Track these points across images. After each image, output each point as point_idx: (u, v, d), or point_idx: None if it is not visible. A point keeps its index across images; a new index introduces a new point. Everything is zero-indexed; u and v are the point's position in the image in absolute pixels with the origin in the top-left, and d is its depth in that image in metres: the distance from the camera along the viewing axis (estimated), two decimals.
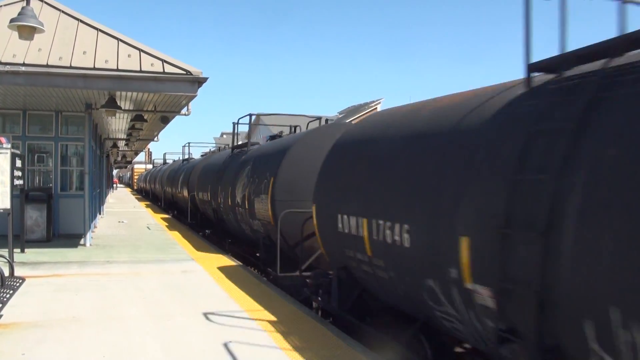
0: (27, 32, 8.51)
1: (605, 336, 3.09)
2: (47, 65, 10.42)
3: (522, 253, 3.60)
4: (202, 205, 18.47)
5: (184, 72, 10.87)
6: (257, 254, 11.71)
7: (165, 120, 15.62)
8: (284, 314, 6.89)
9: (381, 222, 5.46)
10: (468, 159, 4.35)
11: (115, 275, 9.30)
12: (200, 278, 9.24)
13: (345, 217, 6.31)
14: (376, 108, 40.40)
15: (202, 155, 26.91)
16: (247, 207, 11.39)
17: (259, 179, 10.71)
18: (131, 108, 14.01)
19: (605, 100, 3.40)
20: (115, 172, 61.69)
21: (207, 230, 17.94)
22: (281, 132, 14.16)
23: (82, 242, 13.19)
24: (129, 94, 11.75)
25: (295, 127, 13.54)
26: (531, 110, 3.98)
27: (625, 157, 3.09)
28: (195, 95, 11.18)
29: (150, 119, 15.61)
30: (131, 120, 15.75)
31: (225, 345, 5.58)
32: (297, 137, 10.75)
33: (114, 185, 59.88)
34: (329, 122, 14.31)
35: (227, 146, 22.81)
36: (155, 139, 23.50)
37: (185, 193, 22.25)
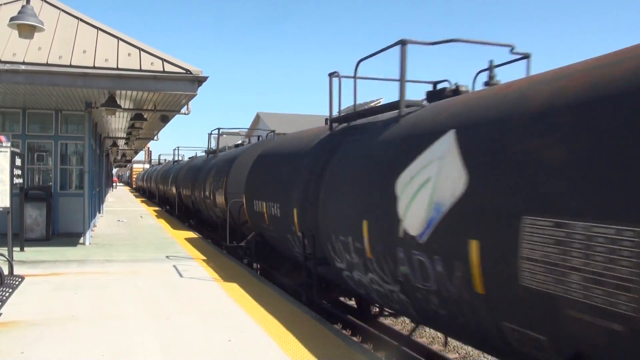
0: (27, 30, 8.53)
1: (334, 248, 6.78)
2: (47, 64, 10.45)
3: (309, 214, 7.42)
4: (186, 200, 22.43)
5: (184, 71, 10.92)
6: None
7: (165, 120, 15.63)
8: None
9: (270, 203, 9.26)
10: (298, 167, 8.23)
11: (115, 273, 9.32)
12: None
13: (257, 201, 10.11)
14: None
15: (189, 158, 30.30)
16: (212, 198, 15.61)
17: (219, 178, 14.80)
18: (131, 107, 14.04)
19: (343, 142, 7.16)
20: (114, 170, 61.65)
21: (191, 220, 22.41)
22: (243, 141, 18.79)
23: (81, 240, 13.24)
24: (129, 93, 11.80)
25: (259, 136, 17.57)
26: (324, 144, 7.80)
27: (342, 169, 6.78)
28: (195, 95, 11.25)
29: (150, 118, 15.63)
30: (131, 119, 15.74)
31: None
32: (244, 148, 14.97)
33: (114, 184, 59.90)
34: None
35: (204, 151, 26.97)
36: (155, 137, 23.52)
37: (174, 190, 26.04)
